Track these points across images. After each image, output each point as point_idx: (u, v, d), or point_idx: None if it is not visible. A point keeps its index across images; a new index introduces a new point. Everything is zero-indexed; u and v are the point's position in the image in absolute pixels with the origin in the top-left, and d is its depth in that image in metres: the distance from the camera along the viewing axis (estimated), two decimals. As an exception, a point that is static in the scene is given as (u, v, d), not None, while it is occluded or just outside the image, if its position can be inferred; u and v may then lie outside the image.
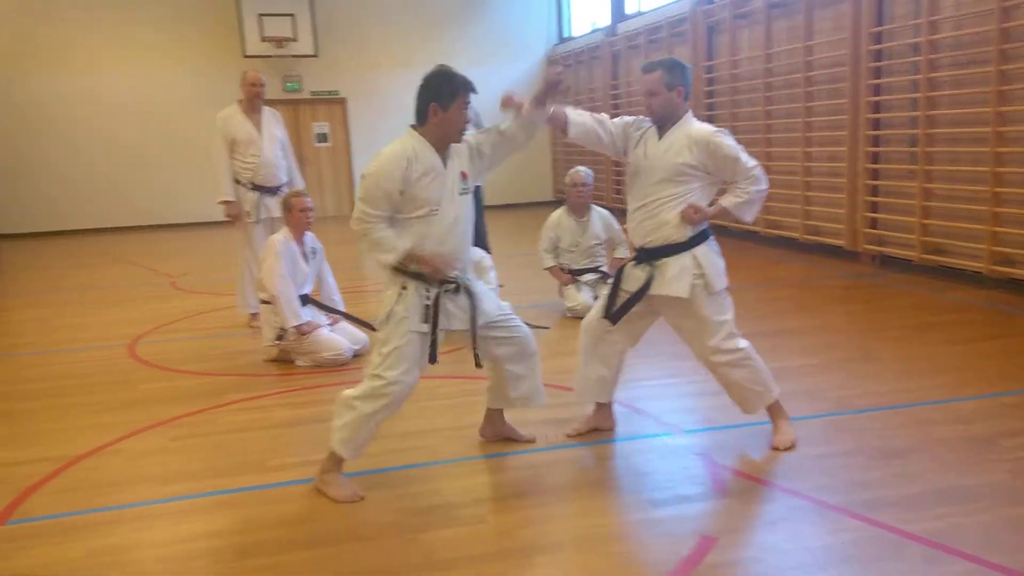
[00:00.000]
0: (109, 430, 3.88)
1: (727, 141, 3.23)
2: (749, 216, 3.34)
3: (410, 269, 3.03)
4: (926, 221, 6.84)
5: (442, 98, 2.98)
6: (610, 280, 6.06)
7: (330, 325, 5.11)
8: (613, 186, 12.78)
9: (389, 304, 3.06)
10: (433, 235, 3.03)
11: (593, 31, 13.55)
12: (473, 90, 3.06)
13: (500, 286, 5.78)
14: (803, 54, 8.17)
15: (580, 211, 6.06)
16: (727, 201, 3.31)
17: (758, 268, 7.88)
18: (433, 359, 3.08)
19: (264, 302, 5.03)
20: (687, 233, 3.28)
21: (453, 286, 3.10)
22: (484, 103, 3.77)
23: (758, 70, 8.99)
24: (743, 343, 3.36)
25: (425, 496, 3.07)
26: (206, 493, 3.18)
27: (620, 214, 6.80)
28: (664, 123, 3.30)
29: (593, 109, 10.44)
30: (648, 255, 3.36)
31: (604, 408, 3.63)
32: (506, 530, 2.80)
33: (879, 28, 7.28)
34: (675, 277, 3.27)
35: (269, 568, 2.61)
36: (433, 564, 2.59)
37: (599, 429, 3.63)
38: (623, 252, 6.18)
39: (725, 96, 9.71)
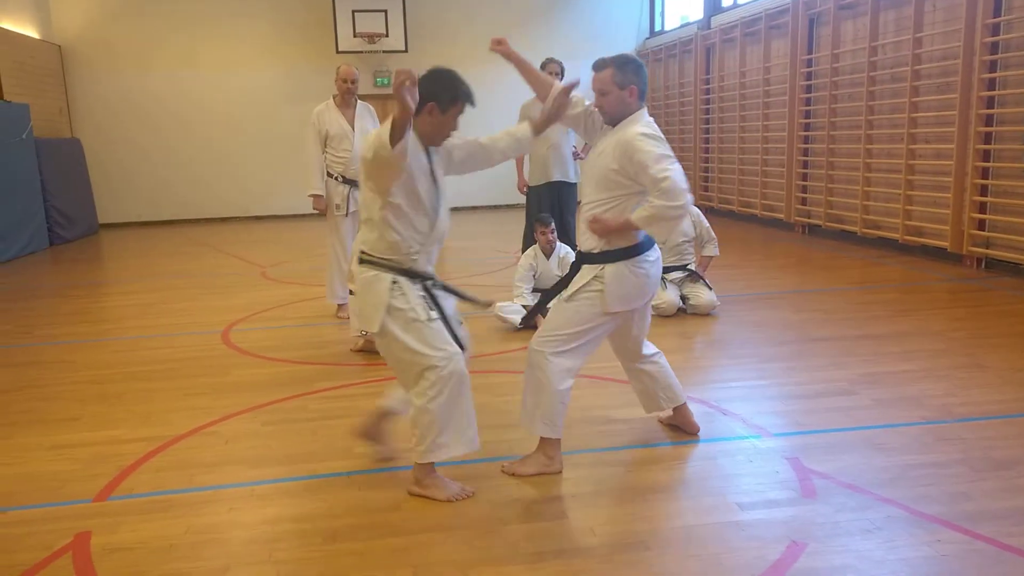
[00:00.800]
0: (204, 413, 4.04)
1: (646, 145, 2.94)
2: (657, 234, 3.04)
3: (389, 262, 2.91)
4: (1040, 222, 6.43)
5: (443, 100, 2.88)
6: (699, 280, 5.98)
7: (415, 317, 5.16)
8: (700, 183, 12.52)
9: (384, 300, 2.88)
10: (417, 226, 2.92)
11: (684, 24, 13.29)
12: (472, 103, 2.93)
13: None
14: (911, 46, 7.80)
15: (667, 207, 5.94)
16: (634, 214, 2.98)
17: (855, 269, 7.58)
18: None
19: (353, 293, 5.13)
20: (599, 245, 3.08)
21: (430, 280, 3.00)
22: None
23: (861, 63, 8.63)
24: (558, 364, 3.08)
25: (507, 489, 3.07)
26: (296, 477, 3.26)
27: (706, 212, 6.68)
28: (616, 123, 3.11)
29: (683, 105, 10.39)
30: (578, 258, 3.21)
31: (679, 410, 3.53)
32: (588, 526, 2.77)
33: (996, 19, 6.88)
34: (574, 282, 3.13)
35: (355, 553, 2.66)
36: (517, 557, 2.59)
37: (680, 429, 3.55)
38: (712, 250, 6.05)
39: (824, 91, 9.37)
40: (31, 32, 11.87)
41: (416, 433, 2.95)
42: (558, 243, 5.72)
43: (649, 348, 3.45)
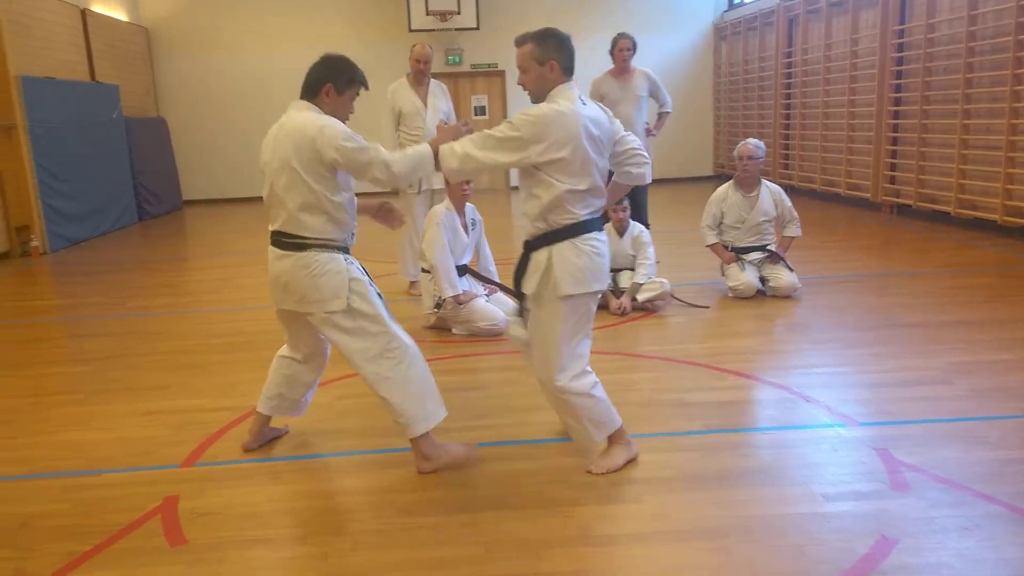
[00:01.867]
0: (284, 385, 4.11)
1: (518, 114, 2.81)
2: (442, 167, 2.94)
3: (340, 243, 2.98)
4: None
5: (339, 82, 3.00)
6: (780, 261, 5.77)
7: (487, 295, 5.16)
8: (780, 160, 12.13)
9: (343, 277, 2.94)
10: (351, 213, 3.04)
11: (766, -3, 12.81)
12: (366, 87, 3.08)
13: (657, 262, 5.60)
14: (1015, 14, 7.32)
15: (748, 186, 5.76)
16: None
17: (947, 252, 7.21)
18: None
19: (424, 271, 5.16)
20: (538, 228, 2.91)
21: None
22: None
23: (960, 33, 8.16)
24: (577, 385, 2.89)
25: (579, 471, 3.03)
26: (369, 451, 3.30)
27: (787, 191, 6.44)
28: (540, 100, 2.90)
29: (763, 80, 10.00)
30: (524, 247, 3.02)
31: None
32: (664, 512, 2.71)
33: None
34: (530, 272, 2.94)
35: (429, 527, 2.67)
36: (589, 539, 2.56)
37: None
38: (794, 230, 5.84)
39: (918, 63, 8.91)
40: (121, 15, 12.29)
41: (405, 411, 2.96)
42: (631, 221, 5.61)
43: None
